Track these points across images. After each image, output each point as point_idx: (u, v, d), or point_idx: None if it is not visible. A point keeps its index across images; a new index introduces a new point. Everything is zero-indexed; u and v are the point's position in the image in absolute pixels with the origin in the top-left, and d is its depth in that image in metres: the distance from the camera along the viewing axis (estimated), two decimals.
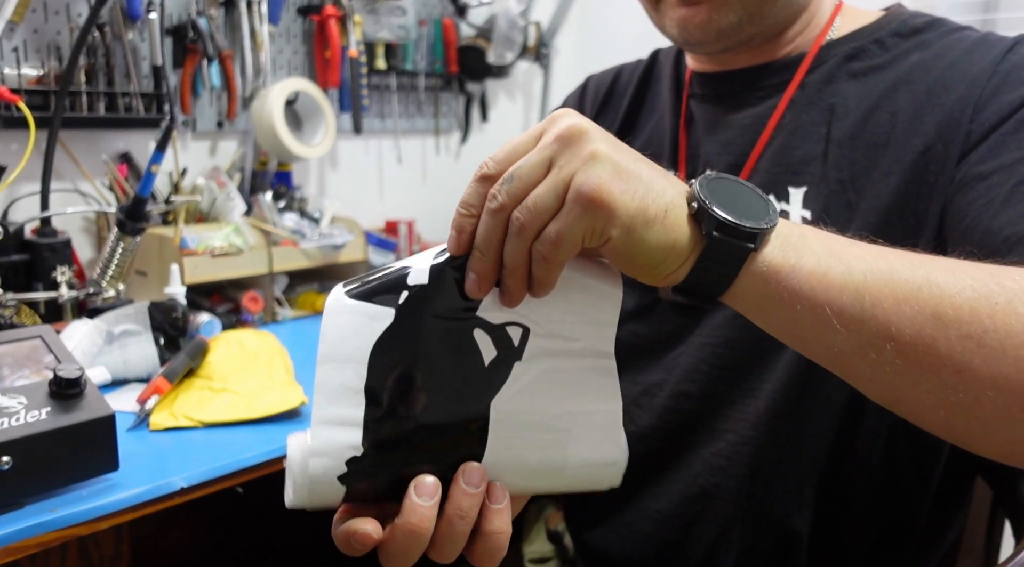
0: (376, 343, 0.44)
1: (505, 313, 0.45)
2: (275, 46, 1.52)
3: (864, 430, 0.69)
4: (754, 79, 0.75)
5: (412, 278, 0.44)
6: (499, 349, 0.46)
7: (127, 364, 0.97)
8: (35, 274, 1.12)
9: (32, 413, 0.68)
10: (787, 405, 0.69)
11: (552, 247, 0.42)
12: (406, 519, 0.45)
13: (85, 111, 1.25)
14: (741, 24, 0.70)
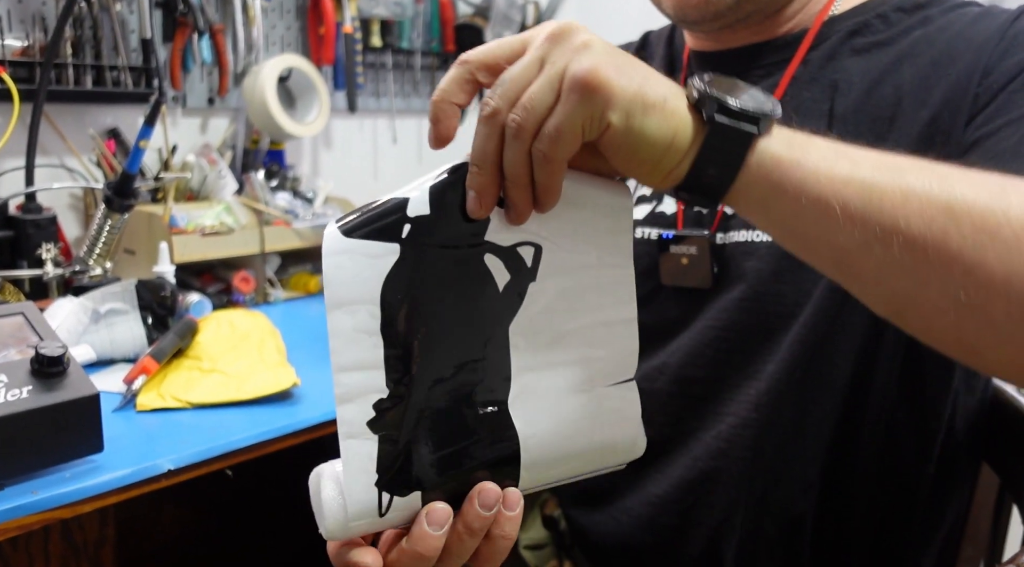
0: (385, 281, 0.42)
1: (515, 233, 0.44)
2: (268, 21, 1.49)
3: (867, 410, 0.67)
4: (754, 57, 0.72)
5: (412, 208, 0.42)
6: (512, 272, 0.44)
7: (113, 344, 0.94)
8: (19, 251, 1.09)
9: (12, 392, 0.66)
10: (790, 386, 0.67)
11: (552, 143, 0.40)
12: (414, 546, 0.44)
13: (72, 84, 1.22)
14: (739, 3, 0.68)
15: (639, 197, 0.77)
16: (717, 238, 0.71)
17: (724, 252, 0.70)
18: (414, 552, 0.44)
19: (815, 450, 0.68)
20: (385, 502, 0.43)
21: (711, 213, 0.72)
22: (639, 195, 0.77)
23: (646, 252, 0.74)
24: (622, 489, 0.77)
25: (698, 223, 0.73)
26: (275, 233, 1.31)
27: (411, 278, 0.42)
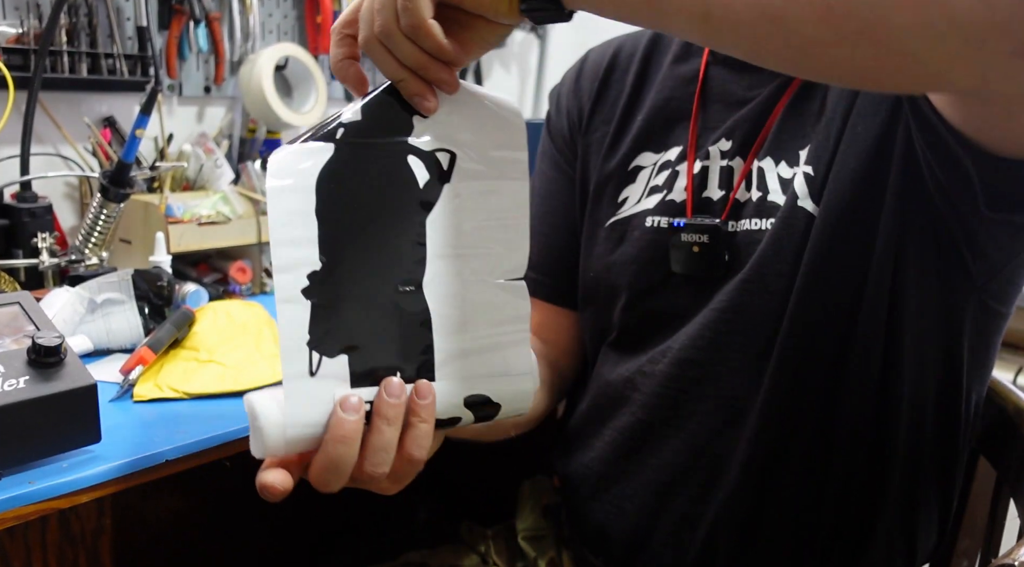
0: (320, 173, 0.49)
1: (433, 141, 0.52)
2: (264, 9, 1.48)
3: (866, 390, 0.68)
4: None
5: (345, 117, 0.51)
6: (430, 172, 0.52)
7: (110, 334, 0.94)
8: (15, 240, 1.08)
9: (9, 382, 0.66)
10: (791, 365, 0.67)
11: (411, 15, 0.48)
12: (331, 433, 0.49)
13: (67, 72, 1.21)
14: None
15: (651, 188, 0.77)
16: (728, 226, 0.71)
17: (735, 240, 0.70)
18: (332, 438, 0.48)
19: (817, 431, 0.68)
20: (315, 361, 0.49)
21: (721, 201, 0.72)
22: (651, 186, 0.77)
23: (656, 240, 0.74)
24: (622, 475, 0.77)
25: (706, 211, 0.73)
26: None
27: (342, 171, 0.49)
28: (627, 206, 0.79)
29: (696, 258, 0.72)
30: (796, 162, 0.69)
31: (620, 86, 0.84)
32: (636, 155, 0.79)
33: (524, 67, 2.02)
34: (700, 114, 0.76)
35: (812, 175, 0.67)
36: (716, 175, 0.73)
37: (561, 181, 0.87)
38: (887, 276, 0.65)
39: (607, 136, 0.82)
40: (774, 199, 0.70)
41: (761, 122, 0.72)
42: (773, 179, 0.70)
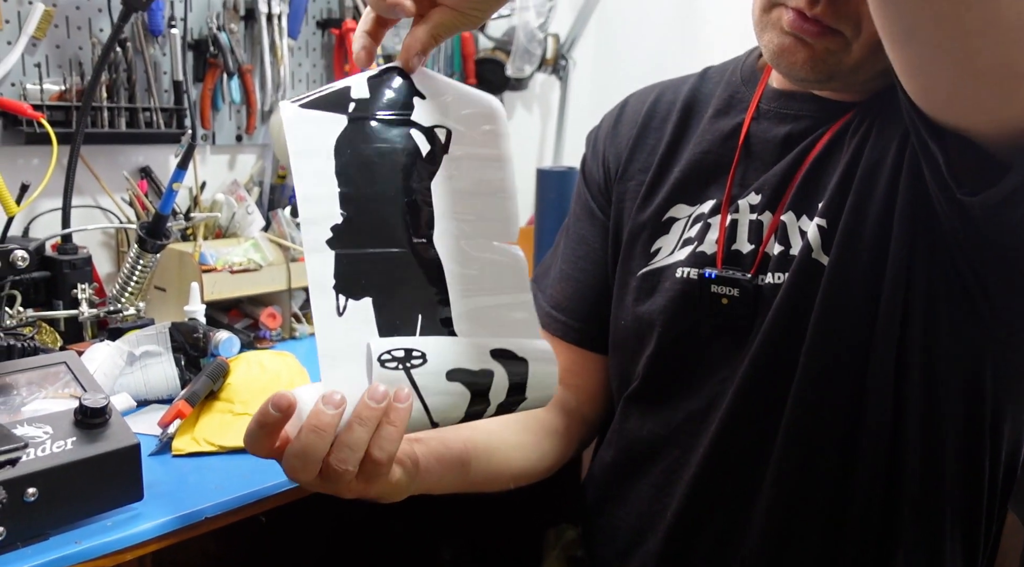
0: (336, 140, 0.55)
1: (431, 119, 0.59)
2: (294, 59, 1.52)
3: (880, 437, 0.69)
4: (831, 111, 0.73)
5: (355, 92, 0.57)
6: (432, 144, 0.59)
7: (148, 385, 0.97)
8: (55, 291, 1.12)
9: (58, 443, 0.68)
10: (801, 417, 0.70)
11: None
12: (310, 421, 0.52)
13: (106, 126, 1.25)
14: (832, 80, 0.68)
15: (684, 240, 0.79)
16: (758, 279, 0.72)
17: (761, 294, 0.72)
18: (307, 427, 0.52)
19: (833, 481, 0.70)
20: (342, 304, 0.55)
21: (751, 254, 0.74)
22: (684, 238, 0.79)
23: (686, 291, 0.76)
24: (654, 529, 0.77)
25: (736, 264, 0.74)
26: (301, 269, 1.34)
27: (355, 139, 0.56)
28: (659, 257, 0.80)
29: (725, 311, 0.73)
30: (813, 215, 0.71)
31: (659, 135, 0.84)
32: (671, 206, 0.81)
33: (545, 109, 2.05)
34: (738, 169, 0.77)
35: (826, 228, 0.69)
36: (746, 229, 0.75)
37: (594, 226, 0.88)
38: (895, 326, 0.66)
39: (643, 185, 0.83)
40: (794, 252, 0.71)
41: (789, 177, 0.74)
42: (794, 232, 0.72)
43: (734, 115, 0.79)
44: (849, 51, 0.65)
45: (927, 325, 0.66)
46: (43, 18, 1.17)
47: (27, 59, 1.19)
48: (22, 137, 1.17)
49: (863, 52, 0.65)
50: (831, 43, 0.65)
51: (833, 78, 0.68)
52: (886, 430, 0.68)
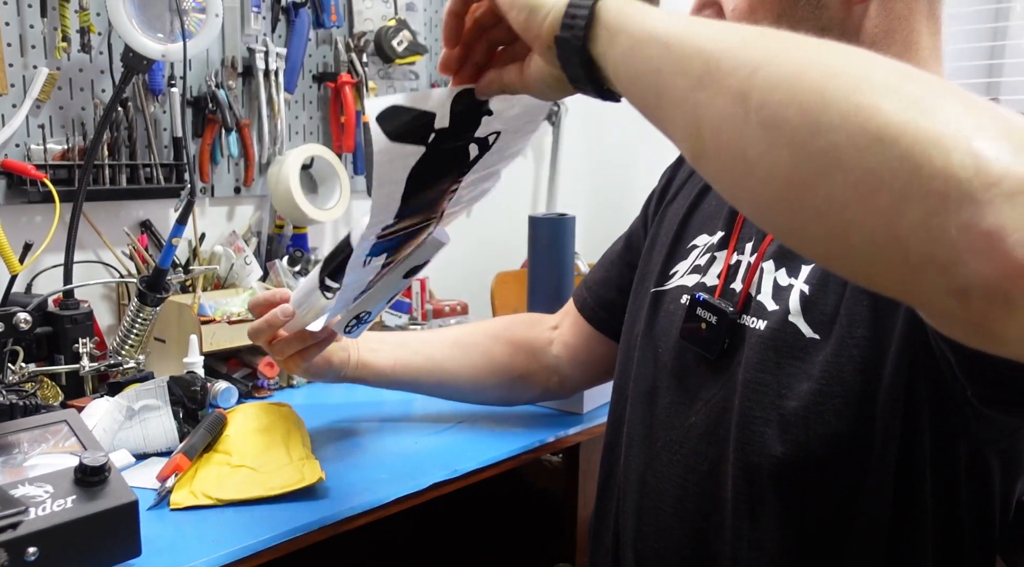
0: (411, 170, 0.61)
1: (489, 129, 0.66)
2: (291, 113, 1.56)
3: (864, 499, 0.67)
4: None
5: (438, 122, 0.61)
6: (481, 149, 0.68)
7: (147, 439, 0.98)
8: (57, 346, 1.14)
9: (58, 502, 0.70)
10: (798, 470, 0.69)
11: None
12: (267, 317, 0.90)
13: (107, 183, 1.29)
14: None
15: (694, 267, 0.82)
16: (740, 317, 0.74)
17: (738, 332, 0.73)
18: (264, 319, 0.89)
19: None
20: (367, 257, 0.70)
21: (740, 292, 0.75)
22: (695, 264, 0.82)
23: (679, 310, 0.80)
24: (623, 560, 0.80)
25: (729, 298, 0.77)
26: None
27: (426, 167, 0.62)
28: (672, 279, 0.84)
29: (700, 334, 0.76)
30: (796, 274, 0.71)
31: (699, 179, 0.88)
32: (697, 235, 0.84)
33: (539, 155, 2.09)
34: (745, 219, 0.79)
35: (809, 296, 0.69)
36: (743, 268, 0.77)
37: (639, 236, 0.98)
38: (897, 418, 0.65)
39: (682, 210, 0.88)
40: (763, 301, 0.72)
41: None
42: (768, 282, 0.73)
43: None
44: None
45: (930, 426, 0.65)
46: (47, 81, 1.21)
47: (31, 121, 1.23)
48: (25, 196, 1.20)
49: None
50: None
51: None
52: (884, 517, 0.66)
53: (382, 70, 1.67)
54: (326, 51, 1.61)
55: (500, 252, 1.99)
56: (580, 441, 1.16)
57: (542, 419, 1.16)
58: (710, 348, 0.75)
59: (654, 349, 0.82)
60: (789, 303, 0.70)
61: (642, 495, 0.80)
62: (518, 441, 1.07)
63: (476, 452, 1.03)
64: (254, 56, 1.45)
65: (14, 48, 1.20)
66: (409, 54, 1.65)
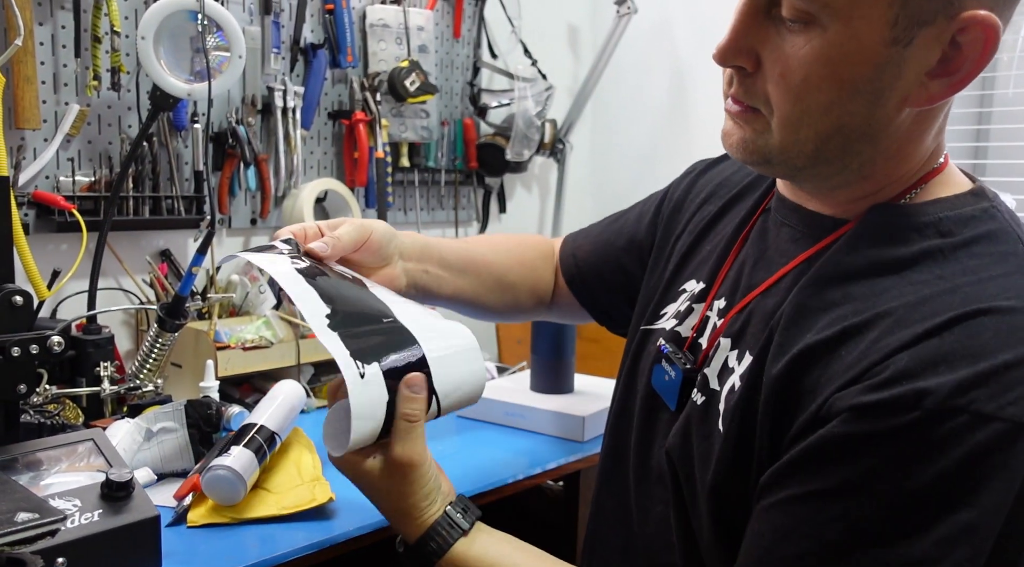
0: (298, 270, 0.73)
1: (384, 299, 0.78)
2: (307, 148, 1.63)
3: None
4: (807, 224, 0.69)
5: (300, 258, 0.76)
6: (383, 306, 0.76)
7: (164, 460, 1.03)
8: (79, 369, 1.19)
9: (85, 515, 0.74)
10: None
11: None
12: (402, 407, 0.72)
13: (131, 214, 1.35)
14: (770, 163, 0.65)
15: (676, 312, 0.80)
16: (697, 376, 0.71)
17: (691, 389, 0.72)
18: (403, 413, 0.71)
19: None
20: (360, 368, 0.68)
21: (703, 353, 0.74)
22: (677, 310, 0.80)
23: (654, 352, 0.79)
24: None
25: (695, 353, 0.75)
26: (310, 345, 1.41)
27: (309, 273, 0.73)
28: (660, 320, 0.83)
29: (665, 386, 0.76)
30: (742, 360, 0.67)
31: (714, 207, 0.84)
32: (688, 279, 0.82)
33: (544, 190, 2.15)
34: (733, 262, 0.76)
35: (735, 392, 0.65)
36: (709, 328, 0.75)
37: (643, 243, 0.95)
38: None
39: (684, 247, 0.85)
40: (709, 375, 0.70)
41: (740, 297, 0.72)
42: (719, 363, 0.70)
43: (757, 208, 0.78)
44: (771, 131, 0.62)
45: None
46: (78, 117, 1.28)
47: (61, 154, 1.29)
48: (54, 225, 1.26)
49: (782, 133, 0.62)
50: (756, 124, 0.63)
51: (769, 161, 0.64)
52: None
53: (395, 108, 1.74)
54: (341, 90, 1.68)
55: None
56: (580, 468, 1.20)
57: (543, 445, 1.20)
58: (670, 400, 0.74)
59: (633, 385, 0.82)
60: (720, 403, 0.67)
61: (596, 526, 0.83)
62: (519, 467, 1.11)
63: (478, 476, 1.07)
64: (273, 94, 1.52)
65: (48, 86, 1.27)
66: (421, 93, 1.71)
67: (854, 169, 0.63)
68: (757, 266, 0.72)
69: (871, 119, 0.60)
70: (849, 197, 0.66)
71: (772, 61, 0.60)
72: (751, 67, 0.62)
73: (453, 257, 0.93)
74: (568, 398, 1.31)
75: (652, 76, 2.13)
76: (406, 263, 0.87)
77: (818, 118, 0.60)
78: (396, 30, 1.72)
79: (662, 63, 2.11)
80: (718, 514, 0.65)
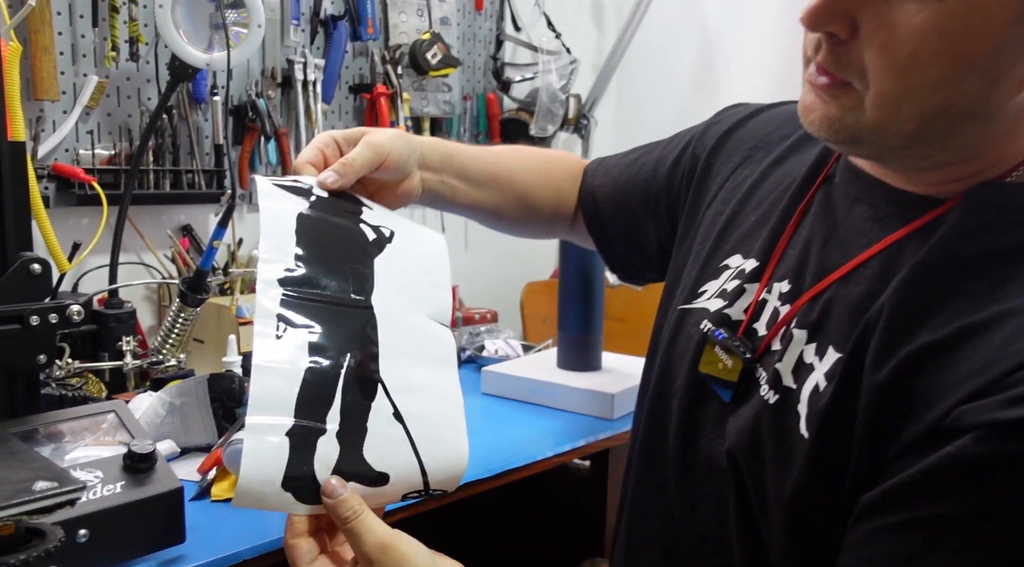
0: (299, 213, 0.65)
1: (379, 221, 0.70)
2: (328, 122, 1.60)
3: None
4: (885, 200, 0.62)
5: (315, 191, 0.67)
6: (376, 234, 0.69)
7: (187, 434, 1.01)
8: (102, 344, 1.17)
9: (108, 487, 0.72)
10: None
11: None
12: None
13: (151, 188, 1.33)
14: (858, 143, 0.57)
15: (721, 290, 0.72)
16: (756, 369, 0.65)
17: (750, 385, 0.65)
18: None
19: None
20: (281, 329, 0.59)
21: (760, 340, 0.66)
22: (722, 288, 0.72)
23: (697, 335, 0.71)
24: None
25: (751, 339, 0.67)
26: None
27: (314, 218, 0.65)
28: (700, 299, 0.75)
29: (715, 375, 0.68)
30: (824, 356, 0.59)
31: (755, 168, 0.77)
32: (731, 254, 0.74)
33: None
34: (790, 243, 0.68)
35: (820, 393, 0.58)
36: (768, 313, 0.67)
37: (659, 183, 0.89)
38: None
39: (721, 218, 0.77)
40: (787, 382, 0.61)
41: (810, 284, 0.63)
42: (793, 357, 0.61)
43: (816, 177, 0.69)
44: (863, 110, 0.55)
45: None
46: (96, 89, 1.26)
47: (80, 127, 1.27)
48: (74, 199, 1.24)
49: (878, 111, 0.54)
50: (846, 99, 0.56)
51: (858, 141, 0.57)
52: None
53: (416, 82, 1.71)
54: (362, 63, 1.65)
55: (529, 261, 2.01)
56: (609, 447, 1.17)
57: (571, 423, 1.18)
58: (724, 391, 0.67)
59: (671, 369, 0.75)
60: (800, 405, 0.60)
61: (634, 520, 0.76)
62: (546, 445, 1.09)
63: (505, 454, 1.04)
64: (293, 67, 1.49)
65: (66, 57, 1.25)
66: (443, 66, 1.68)
67: (955, 150, 0.56)
68: (828, 246, 0.64)
69: (984, 100, 0.53)
70: (945, 177, 0.59)
71: (873, 28, 0.52)
72: (846, 34, 0.54)
73: (475, 169, 0.88)
74: (596, 376, 1.28)
75: (679, 49, 2.08)
76: (424, 173, 0.83)
77: (924, 96, 0.53)
78: (417, 2, 1.69)
79: (690, 35, 2.06)
80: (796, 524, 0.59)
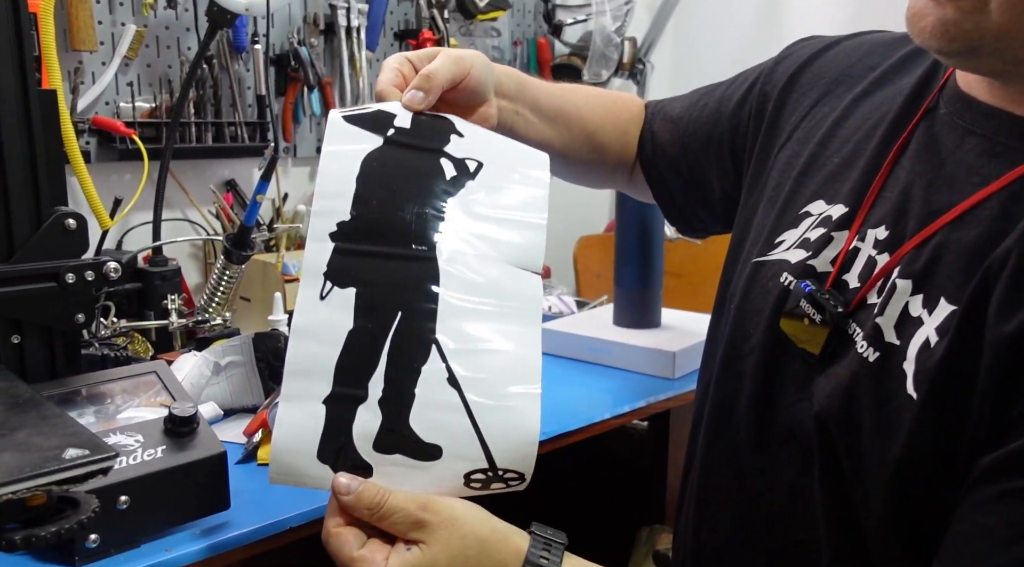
0: (367, 154, 0.59)
1: (465, 152, 0.62)
2: (373, 71, 1.54)
3: None
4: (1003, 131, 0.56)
5: (398, 121, 0.61)
6: (458, 170, 0.62)
7: (233, 395, 0.98)
8: (146, 302, 1.15)
9: (148, 451, 0.69)
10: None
11: None
12: None
13: (193, 141, 1.29)
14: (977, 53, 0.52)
15: (803, 240, 0.67)
16: (848, 324, 0.60)
17: (843, 344, 0.60)
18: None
19: None
20: (326, 289, 0.57)
21: (853, 293, 0.61)
22: (804, 237, 0.67)
23: (776, 288, 0.66)
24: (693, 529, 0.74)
25: (840, 291, 0.62)
26: None
27: (385, 156, 0.60)
28: (777, 250, 0.69)
29: (802, 330, 0.63)
30: (934, 309, 0.54)
31: (836, 104, 0.71)
32: (813, 200, 0.68)
33: None
34: (886, 185, 0.62)
35: (931, 349, 0.53)
36: (862, 263, 0.62)
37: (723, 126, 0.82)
38: None
39: (798, 161, 0.71)
40: (890, 338, 0.56)
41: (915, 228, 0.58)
42: (896, 310, 0.56)
43: (915, 110, 0.63)
44: (987, 12, 0.49)
45: None
46: (135, 38, 1.21)
47: (120, 78, 1.23)
48: (115, 153, 1.21)
49: (1006, 12, 0.49)
50: (964, 1, 0.50)
51: (978, 51, 0.52)
52: None
53: (464, 27, 1.63)
54: (407, 8, 1.58)
55: (583, 216, 1.94)
56: (671, 408, 1.11)
57: (630, 383, 1.12)
58: (812, 349, 0.62)
59: (744, 327, 0.70)
60: (907, 364, 0.55)
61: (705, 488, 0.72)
62: (605, 405, 1.03)
63: (561, 416, 0.99)
64: (336, 13, 1.43)
65: (103, 5, 1.21)
66: (492, 9, 1.60)
67: None
68: (934, 186, 0.58)
69: None
70: None
71: None
72: None
73: (546, 102, 0.82)
74: (656, 333, 1.22)
75: None
76: (500, 100, 0.75)
77: None
78: None
79: None
80: (899, 492, 0.54)
